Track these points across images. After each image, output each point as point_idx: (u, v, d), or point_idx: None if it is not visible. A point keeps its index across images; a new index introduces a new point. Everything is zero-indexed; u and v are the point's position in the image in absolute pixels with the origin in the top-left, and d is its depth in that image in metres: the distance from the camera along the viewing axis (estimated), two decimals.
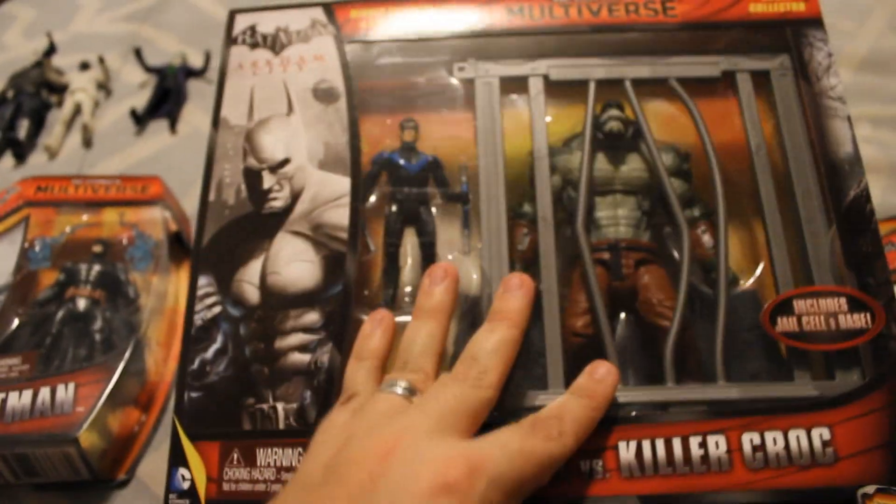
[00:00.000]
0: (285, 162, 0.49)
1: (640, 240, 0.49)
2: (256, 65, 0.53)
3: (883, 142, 0.45)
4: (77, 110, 0.83)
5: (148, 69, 0.86)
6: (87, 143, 0.80)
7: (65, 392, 0.52)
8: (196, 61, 0.86)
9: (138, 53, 0.87)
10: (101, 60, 0.88)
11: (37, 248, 0.62)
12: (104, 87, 0.86)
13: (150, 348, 0.57)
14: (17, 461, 0.50)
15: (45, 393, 0.52)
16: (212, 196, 0.49)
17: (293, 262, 0.46)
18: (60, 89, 0.86)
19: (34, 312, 0.59)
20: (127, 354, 0.54)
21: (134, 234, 0.63)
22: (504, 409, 0.40)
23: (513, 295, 0.43)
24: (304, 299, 0.45)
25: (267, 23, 0.54)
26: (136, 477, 0.52)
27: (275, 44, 0.53)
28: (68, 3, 1.00)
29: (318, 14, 0.54)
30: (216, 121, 0.51)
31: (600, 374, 0.41)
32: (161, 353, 0.58)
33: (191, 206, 0.68)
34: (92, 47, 0.91)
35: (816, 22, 0.51)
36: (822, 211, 0.47)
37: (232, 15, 0.56)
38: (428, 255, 0.49)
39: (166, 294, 0.61)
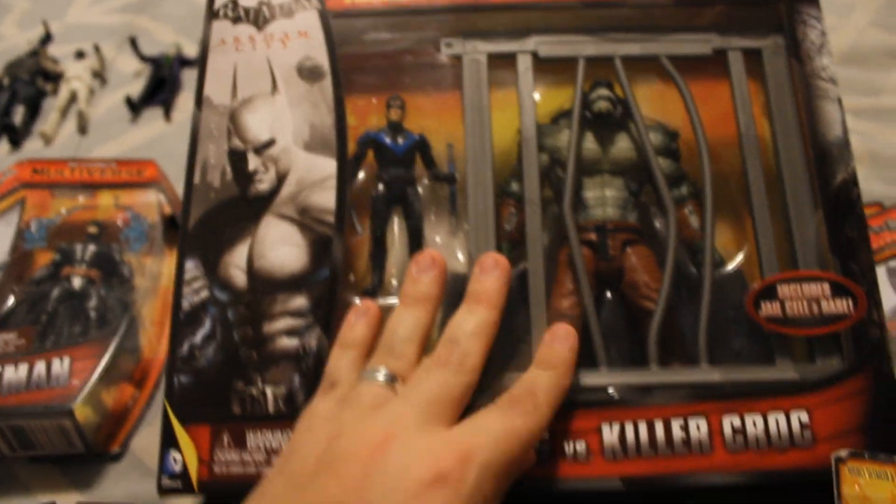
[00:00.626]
0: (270, 143, 0.49)
1: (627, 221, 0.49)
2: (239, 41, 0.52)
3: (863, 131, 0.46)
4: (72, 98, 0.84)
5: (143, 58, 0.87)
6: (83, 129, 0.81)
7: (60, 366, 0.52)
8: (191, 51, 0.87)
9: (133, 43, 0.88)
10: (97, 49, 0.89)
11: (33, 229, 0.62)
12: (99, 75, 0.87)
13: (144, 327, 0.58)
14: (14, 433, 0.51)
15: (40, 366, 0.52)
16: (196, 178, 0.48)
17: (280, 247, 0.46)
18: (55, 77, 0.87)
19: (30, 290, 0.59)
20: (121, 331, 0.55)
21: (129, 216, 0.64)
22: (485, 389, 0.41)
23: (489, 276, 0.43)
24: (292, 283, 0.46)
25: None
26: (129, 451, 0.53)
27: (258, 18, 0.52)
28: None
29: None
30: (199, 100, 0.50)
31: (559, 343, 0.42)
32: (155, 332, 0.59)
33: None
34: (86, 38, 0.92)
35: None
36: (809, 194, 0.47)
37: None
38: (415, 239, 0.49)
39: (160, 275, 0.62)
